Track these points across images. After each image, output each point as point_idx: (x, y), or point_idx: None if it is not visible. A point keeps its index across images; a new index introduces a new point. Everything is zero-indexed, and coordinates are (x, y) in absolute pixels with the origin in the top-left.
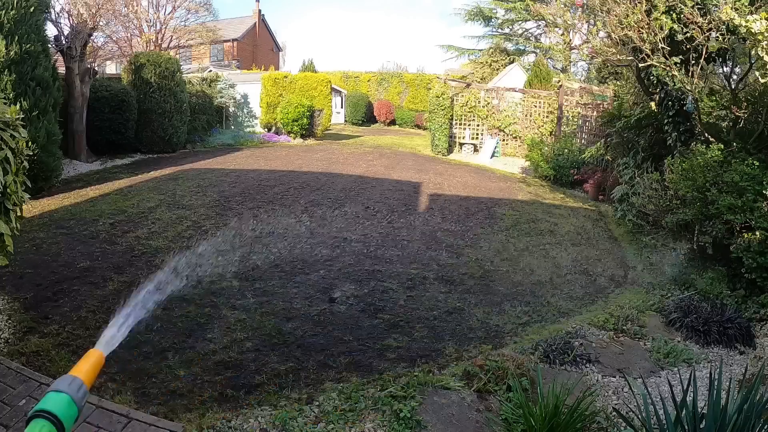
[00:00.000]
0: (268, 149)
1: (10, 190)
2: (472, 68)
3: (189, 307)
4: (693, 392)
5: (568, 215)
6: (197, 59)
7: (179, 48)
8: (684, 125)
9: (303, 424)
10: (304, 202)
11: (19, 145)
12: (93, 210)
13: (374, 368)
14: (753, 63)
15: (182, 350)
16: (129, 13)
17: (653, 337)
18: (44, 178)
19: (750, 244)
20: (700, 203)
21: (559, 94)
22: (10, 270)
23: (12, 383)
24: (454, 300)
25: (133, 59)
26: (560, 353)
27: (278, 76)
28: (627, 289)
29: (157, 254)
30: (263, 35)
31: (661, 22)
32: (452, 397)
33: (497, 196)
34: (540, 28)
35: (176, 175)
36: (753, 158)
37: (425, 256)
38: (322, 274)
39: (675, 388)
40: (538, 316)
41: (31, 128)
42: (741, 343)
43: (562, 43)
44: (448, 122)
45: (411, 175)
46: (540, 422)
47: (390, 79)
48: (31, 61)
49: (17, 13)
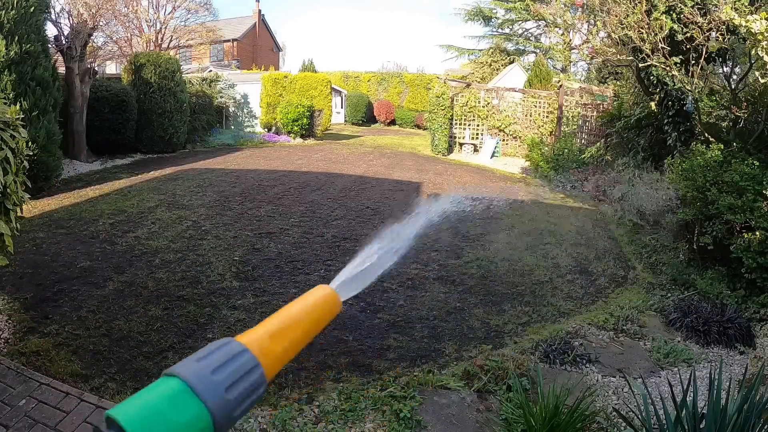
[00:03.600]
0: (268, 149)
1: (10, 190)
2: (472, 68)
3: (189, 307)
4: (693, 392)
5: (568, 215)
6: (197, 59)
7: (179, 48)
8: (684, 125)
9: (303, 424)
10: (304, 202)
11: (19, 145)
12: (93, 210)
13: (374, 368)
14: (753, 63)
15: (182, 350)
16: (129, 13)
17: (653, 337)
18: (44, 178)
19: (750, 244)
20: (700, 203)
21: (559, 94)
22: (10, 270)
23: (12, 383)
24: (454, 300)
25: (133, 59)
26: (560, 353)
27: (278, 76)
28: (627, 289)
29: (157, 254)
30: (263, 35)
31: (661, 22)
32: (452, 397)
33: (497, 196)
34: (540, 28)
35: (176, 175)
36: (753, 158)
37: (425, 255)
38: (322, 273)
39: (675, 388)
40: (538, 316)
41: (31, 128)
42: (741, 343)
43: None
44: (448, 122)
45: (411, 175)
46: (540, 422)
47: (390, 79)
48: (31, 61)
49: (17, 13)
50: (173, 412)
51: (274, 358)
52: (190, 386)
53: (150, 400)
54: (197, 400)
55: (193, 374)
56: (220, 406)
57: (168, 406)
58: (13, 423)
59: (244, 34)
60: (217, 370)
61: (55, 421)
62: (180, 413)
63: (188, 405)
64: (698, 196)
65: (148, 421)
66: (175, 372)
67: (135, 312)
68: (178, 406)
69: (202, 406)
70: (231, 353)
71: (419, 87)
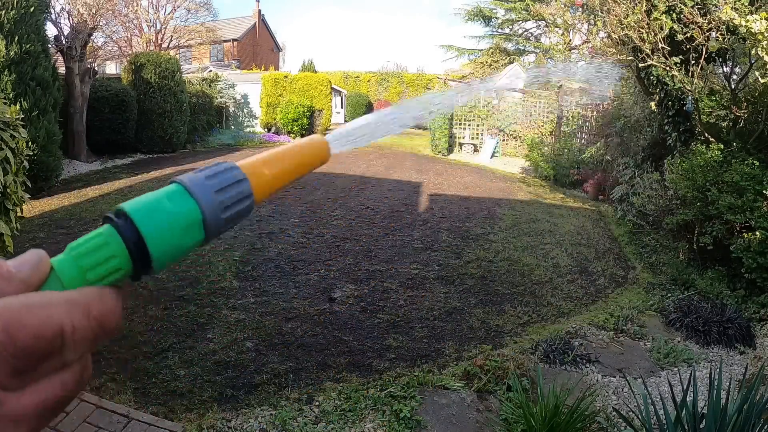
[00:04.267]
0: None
1: (10, 190)
2: (472, 68)
3: (189, 307)
4: (693, 392)
5: (568, 215)
6: (197, 59)
7: (179, 48)
8: (684, 125)
9: (303, 424)
10: (304, 202)
11: (19, 145)
12: (93, 210)
13: (374, 368)
14: (753, 63)
15: (182, 350)
16: (129, 13)
17: (653, 337)
18: (44, 178)
19: (750, 244)
20: (700, 203)
21: (558, 94)
22: None
23: None
24: (454, 300)
25: (133, 59)
26: (560, 353)
27: (278, 76)
28: (627, 289)
29: None
30: (263, 35)
31: (661, 22)
32: (452, 397)
33: (497, 196)
34: (540, 28)
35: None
36: (753, 158)
37: (425, 255)
38: (322, 273)
39: (675, 388)
40: (538, 316)
41: (31, 128)
42: (741, 343)
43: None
44: (448, 122)
45: (411, 175)
46: (540, 422)
47: (390, 79)
48: (31, 61)
49: (17, 13)
50: (171, 204)
51: (263, 179)
52: (186, 188)
53: (153, 197)
54: (191, 198)
55: (189, 179)
56: (209, 203)
57: (167, 200)
58: None
59: (244, 34)
60: (210, 178)
61: (55, 421)
62: (176, 205)
63: (184, 200)
64: (698, 196)
65: (149, 210)
66: (176, 179)
67: (135, 312)
68: (176, 200)
69: (194, 203)
70: (223, 168)
71: (419, 87)
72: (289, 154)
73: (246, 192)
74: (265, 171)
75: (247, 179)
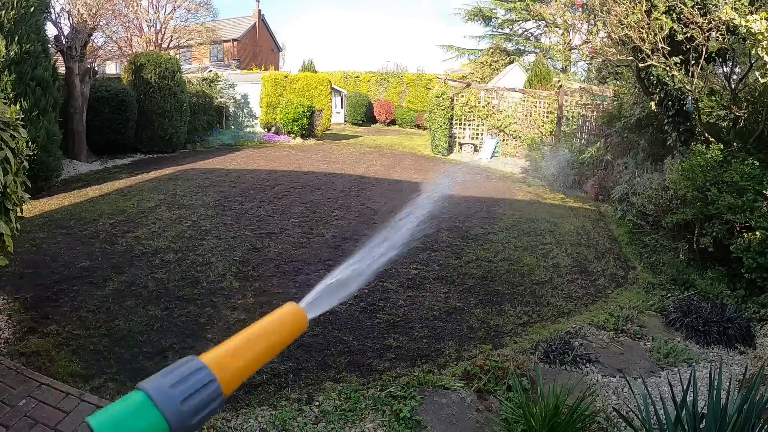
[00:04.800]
0: (268, 149)
1: (10, 190)
2: (472, 68)
3: (189, 307)
4: (693, 392)
5: (568, 215)
6: (197, 59)
7: (179, 48)
8: (684, 125)
9: (303, 424)
10: (304, 202)
11: (19, 145)
12: (93, 210)
13: (374, 368)
14: (753, 63)
15: (182, 350)
16: (129, 13)
17: (653, 337)
18: (44, 178)
19: (750, 244)
20: (700, 203)
21: (559, 94)
22: (10, 270)
23: (12, 383)
24: (454, 300)
25: (133, 59)
26: (560, 353)
27: (278, 76)
28: (627, 289)
29: (157, 254)
30: (263, 35)
31: (661, 22)
32: (452, 397)
33: (497, 196)
34: (540, 28)
35: (176, 175)
36: (753, 158)
37: (425, 255)
38: (322, 273)
39: (675, 388)
40: (538, 316)
41: (31, 128)
42: (741, 343)
43: (562, 43)
44: (448, 122)
45: (411, 175)
46: (540, 422)
47: (390, 79)
48: (31, 61)
49: (17, 13)
50: (136, 419)
51: (233, 373)
52: (150, 398)
53: (118, 409)
54: (156, 410)
55: (153, 388)
56: (175, 416)
57: (132, 415)
58: (13, 423)
59: (244, 34)
60: (175, 385)
61: (56, 421)
62: (141, 421)
63: (148, 414)
64: (698, 196)
65: (114, 427)
66: (141, 386)
67: (135, 312)
68: (141, 415)
69: (160, 416)
70: (190, 369)
71: (419, 87)
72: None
73: (215, 394)
74: (235, 363)
75: (215, 380)
